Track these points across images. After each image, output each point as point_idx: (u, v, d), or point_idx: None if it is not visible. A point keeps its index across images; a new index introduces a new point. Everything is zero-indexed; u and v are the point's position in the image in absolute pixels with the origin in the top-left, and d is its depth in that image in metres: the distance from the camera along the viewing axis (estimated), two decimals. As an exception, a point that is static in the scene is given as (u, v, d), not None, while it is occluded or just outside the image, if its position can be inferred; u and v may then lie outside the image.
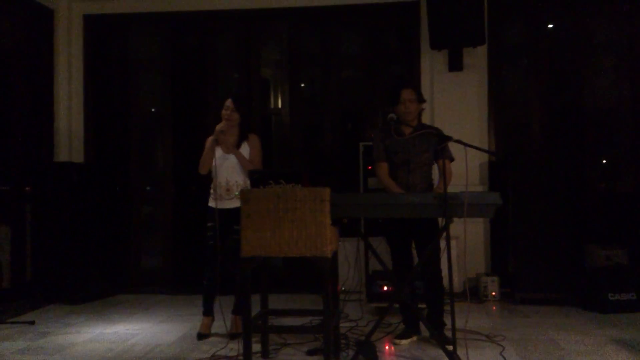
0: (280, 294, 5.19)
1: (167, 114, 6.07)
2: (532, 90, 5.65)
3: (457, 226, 3.78)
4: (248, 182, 3.99)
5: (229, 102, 4.01)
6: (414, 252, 3.87)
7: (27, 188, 5.38)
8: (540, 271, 4.85)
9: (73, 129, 5.91)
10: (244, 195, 3.18)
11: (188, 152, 4.12)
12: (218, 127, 3.93)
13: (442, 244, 3.49)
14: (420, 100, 3.79)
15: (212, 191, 4.06)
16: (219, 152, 4.02)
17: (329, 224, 3.08)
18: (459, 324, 3.40)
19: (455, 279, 4.87)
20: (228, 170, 3.96)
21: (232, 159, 3.98)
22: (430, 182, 3.83)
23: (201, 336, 4.00)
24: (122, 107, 6.13)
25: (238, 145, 4.02)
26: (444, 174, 3.45)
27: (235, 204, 3.90)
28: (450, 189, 3.37)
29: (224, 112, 4.00)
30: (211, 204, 4.04)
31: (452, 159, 3.80)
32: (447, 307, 3.56)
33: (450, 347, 3.26)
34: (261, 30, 6.03)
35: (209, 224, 4.01)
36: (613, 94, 5.64)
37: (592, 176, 5.54)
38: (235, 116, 3.98)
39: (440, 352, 3.38)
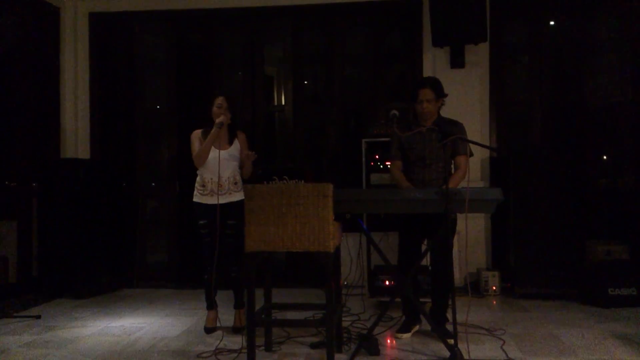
0: (284, 288, 5.24)
1: (172, 111, 6.11)
2: (534, 87, 5.68)
3: (458, 221, 3.83)
4: (238, 177, 4.05)
5: (221, 100, 4.00)
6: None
7: (33, 184, 5.43)
8: (540, 266, 4.87)
9: (79, 126, 5.96)
10: (248, 191, 3.21)
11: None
12: (219, 120, 3.91)
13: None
14: (439, 96, 3.77)
15: (199, 187, 4.03)
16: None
17: (331, 219, 3.11)
18: (460, 318, 3.42)
19: (457, 273, 4.90)
20: (219, 165, 3.93)
21: (222, 154, 3.94)
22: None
23: (209, 330, 4.05)
24: (127, 104, 6.17)
25: (230, 143, 4.04)
26: (454, 170, 3.46)
27: (228, 199, 3.96)
28: (458, 185, 3.39)
29: (216, 109, 3.98)
30: (199, 200, 4.02)
31: (469, 155, 3.80)
32: (449, 302, 3.61)
33: (452, 341, 3.28)
34: (265, 28, 6.06)
35: (201, 222, 4.01)
36: (614, 91, 5.64)
37: (593, 172, 5.56)
38: (228, 114, 3.98)
39: (442, 346, 3.41)
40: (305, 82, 6.15)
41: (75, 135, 5.95)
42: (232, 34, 6.15)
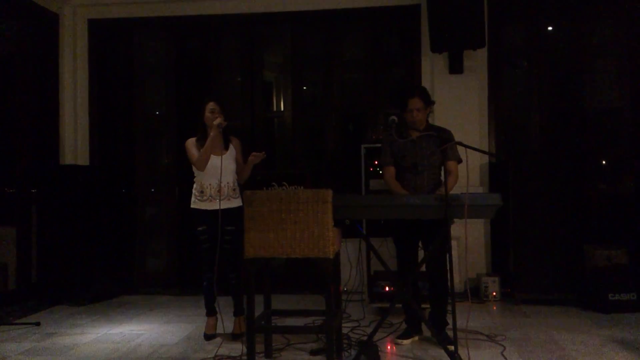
0: (283, 294, 5.23)
1: (171, 117, 6.11)
2: (532, 92, 5.68)
3: (458, 227, 3.83)
4: (236, 183, 4.06)
5: (213, 105, 3.99)
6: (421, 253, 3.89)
7: (33, 190, 5.43)
8: (540, 271, 4.87)
9: (78, 132, 5.96)
10: (247, 197, 3.21)
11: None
12: (216, 121, 3.89)
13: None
14: (428, 104, 3.81)
15: (197, 193, 4.02)
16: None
17: (331, 225, 3.12)
18: (460, 323, 3.44)
19: (456, 279, 4.88)
20: (218, 171, 3.92)
21: (220, 160, 3.93)
22: (439, 184, 3.82)
23: (208, 337, 4.04)
24: (126, 110, 6.17)
25: (226, 148, 4.03)
26: (446, 176, 3.51)
27: (227, 204, 3.95)
28: (451, 190, 3.40)
29: (209, 115, 3.96)
30: (197, 206, 4.01)
31: (459, 160, 3.83)
32: (449, 307, 3.61)
33: (452, 347, 3.29)
34: (264, 33, 6.08)
35: (200, 228, 4.00)
36: (613, 96, 5.66)
37: (592, 177, 5.56)
38: (221, 116, 3.95)
39: (442, 352, 3.41)
40: (304, 88, 6.16)
41: (75, 142, 5.95)
42: (231, 40, 6.17)
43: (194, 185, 4.06)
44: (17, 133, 5.44)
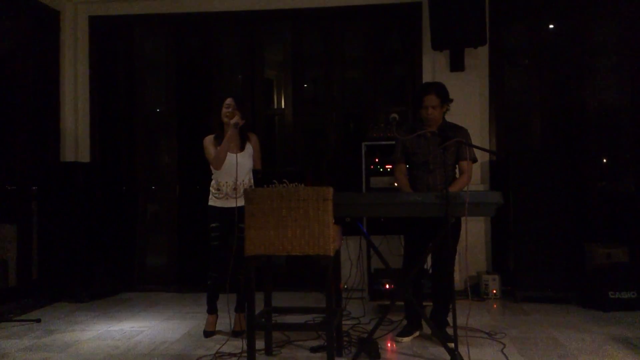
0: (284, 291, 5.24)
1: (172, 114, 6.11)
2: (533, 90, 5.68)
3: (458, 225, 3.83)
4: (252, 180, 4.07)
5: (229, 101, 4.02)
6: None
7: (33, 187, 5.43)
8: (541, 269, 4.88)
9: (79, 129, 5.96)
10: (248, 194, 3.21)
11: (193, 152, 4.18)
12: (233, 120, 3.91)
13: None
14: (445, 102, 3.77)
15: (214, 190, 4.06)
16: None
17: (331, 222, 3.11)
18: (461, 321, 3.43)
19: (457, 277, 4.89)
20: (234, 169, 3.94)
21: (237, 157, 3.96)
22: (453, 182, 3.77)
23: (208, 334, 4.05)
24: (127, 107, 6.17)
25: (242, 146, 4.05)
26: (448, 176, 3.50)
27: (241, 202, 3.94)
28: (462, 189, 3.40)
29: (224, 110, 4.00)
30: (213, 203, 4.05)
31: (474, 160, 3.81)
32: (449, 306, 3.61)
33: (452, 345, 3.29)
34: (265, 31, 6.08)
35: (213, 225, 4.03)
36: (613, 94, 5.66)
37: (593, 175, 5.56)
38: (237, 113, 3.97)
39: (442, 350, 3.42)
40: (305, 85, 6.16)
41: (75, 139, 5.95)
42: (232, 37, 6.16)
43: (212, 183, 4.09)
44: (18, 130, 5.43)
